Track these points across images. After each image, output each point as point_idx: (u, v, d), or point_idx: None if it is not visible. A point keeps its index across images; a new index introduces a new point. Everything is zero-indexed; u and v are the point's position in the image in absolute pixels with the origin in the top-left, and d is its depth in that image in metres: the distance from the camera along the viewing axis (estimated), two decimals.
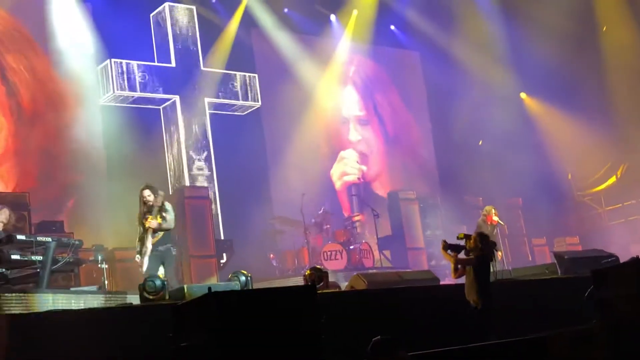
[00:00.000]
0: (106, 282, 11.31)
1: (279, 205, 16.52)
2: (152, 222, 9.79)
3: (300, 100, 17.69)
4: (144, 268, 9.72)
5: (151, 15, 15.94)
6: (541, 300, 9.33)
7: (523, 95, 20.58)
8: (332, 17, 18.83)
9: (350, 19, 18.82)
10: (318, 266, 10.60)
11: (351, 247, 14.90)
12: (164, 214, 9.87)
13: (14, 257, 9.04)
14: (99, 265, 11.58)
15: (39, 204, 13.04)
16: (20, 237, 9.60)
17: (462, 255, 8.11)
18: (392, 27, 19.83)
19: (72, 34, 14.87)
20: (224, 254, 14.53)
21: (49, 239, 10.35)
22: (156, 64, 15.59)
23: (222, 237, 15.14)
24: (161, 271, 9.70)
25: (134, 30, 15.17)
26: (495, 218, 13.57)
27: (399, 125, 19.73)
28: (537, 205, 18.38)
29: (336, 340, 6.00)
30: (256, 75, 16.77)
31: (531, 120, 20.21)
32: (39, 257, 9.96)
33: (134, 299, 9.05)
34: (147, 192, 10.06)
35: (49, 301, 9.10)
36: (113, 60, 14.78)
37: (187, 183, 15.11)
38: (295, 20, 17.90)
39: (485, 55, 19.23)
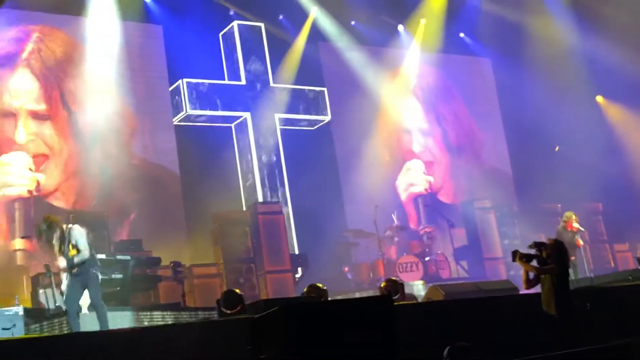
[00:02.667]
0: (185, 298, 11.45)
1: (352, 217, 16.49)
2: (61, 263, 8.58)
3: (370, 112, 17.64)
4: (63, 298, 8.70)
5: (220, 34, 16.19)
6: (624, 307, 9.03)
7: (599, 98, 20.06)
8: (400, 27, 18.75)
9: (418, 29, 18.69)
10: (394, 278, 10.51)
11: (427, 258, 14.74)
12: (75, 245, 8.60)
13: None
14: (177, 282, 11.73)
15: (114, 222, 13.34)
16: (100, 256, 9.83)
17: (534, 264, 7.95)
18: (462, 35, 19.62)
19: (144, 56, 15.22)
20: (299, 269, 14.56)
21: (128, 257, 10.61)
22: (226, 82, 15.82)
23: (297, 252, 15.20)
24: (86, 295, 8.73)
25: (203, 50, 15.45)
26: (576, 224, 13.23)
27: (465, 134, 19.44)
28: (618, 210, 17.87)
29: (414, 352, 5.92)
30: (325, 89, 16.84)
31: (608, 124, 19.68)
32: (119, 275, 10.21)
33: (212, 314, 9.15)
34: (43, 226, 8.74)
35: (130, 318, 9.29)
36: (185, 80, 15.08)
37: (260, 199, 15.23)
38: (363, 32, 17.89)
39: (559, 58, 18.82)
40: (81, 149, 14.18)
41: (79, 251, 8.53)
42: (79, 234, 8.61)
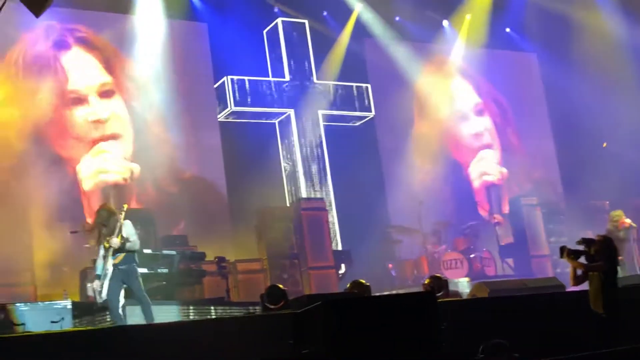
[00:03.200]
0: (229, 293, 11.53)
1: (396, 214, 16.41)
2: (114, 240, 8.72)
3: (414, 108, 17.56)
4: (104, 292, 8.72)
5: (264, 31, 16.26)
6: None
7: None
8: (445, 22, 18.61)
9: (464, 24, 18.53)
10: (438, 274, 10.44)
11: (472, 255, 14.62)
12: (125, 235, 8.80)
13: (141, 270, 9.33)
14: (222, 277, 11.82)
15: (160, 217, 13.52)
16: (147, 251, 9.96)
17: (582, 260, 7.82)
18: (508, 30, 19.39)
19: (189, 53, 15.38)
20: (342, 265, 14.56)
21: (174, 252, 10.73)
22: (270, 78, 15.89)
23: (340, 248, 15.19)
24: (122, 294, 8.87)
25: (248, 47, 15.54)
26: (628, 220, 13.04)
27: (511, 129, 19.22)
28: None
29: (459, 349, 5.87)
30: (369, 85, 16.80)
31: None
32: (165, 270, 10.34)
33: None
34: (104, 213, 9.00)
35: (175, 312, 9.40)
36: (229, 77, 15.19)
37: (304, 195, 15.27)
38: (407, 28, 17.78)
39: (606, 52, 18.47)
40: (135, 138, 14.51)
41: (127, 241, 8.70)
42: (131, 227, 8.83)
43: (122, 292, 8.83)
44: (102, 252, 8.84)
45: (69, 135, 13.94)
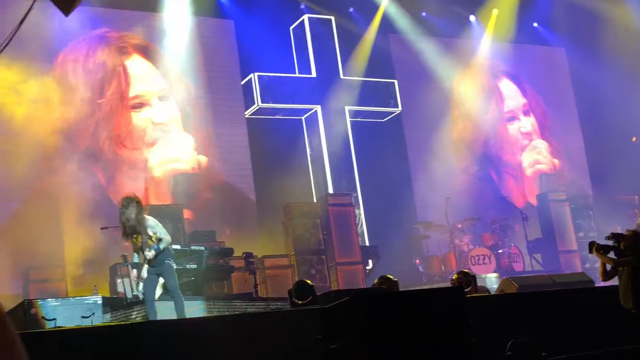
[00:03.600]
0: (257, 288, 11.60)
1: (423, 209, 16.40)
2: (149, 253, 8.48)
3: (441, 104, 17.50)
4: (141, 286, 8.68)
5: (291, 28, 16.31)
6: None
7: None
8: (472, 17, 18.53)
9: (491, 19, 18.44)
10: (466, 270, 10.42)
11: (500, 251, 14.56)
12: (155, 233, 8.57)
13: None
14: (250, 273, 11.88)
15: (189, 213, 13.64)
16: (175, 246, 10.03)
17: (611, 256, 7.78)
18: (535, 24, 19.25)
19: (216, 50, 15.47)
20: (370, 260, 14.58)
21: (202, 248, 10.81)
22: (297, 75, 15.94)
23: (367, 244, 15.21)
24: (159, 290, 8.82)
25: (274, 44, 15.59)
26: None
27: (540, 124, 19.11)
28: None
29: (487, 344, 5.87)
30: (395, 81, 16.78)
31: None
32: (194, 266, 10.42)
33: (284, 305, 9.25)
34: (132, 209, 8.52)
35: (204, 307, 9.47)
36: (256, 74, 15.26)
37: (331, 191, 15.30)
38: (434, 23, 17.75)
39: (635, 47, 18.29)
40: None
41: (159, 240, 8.68)
42: (154, 223, 8.78)
43: (159, 288, 8.90)
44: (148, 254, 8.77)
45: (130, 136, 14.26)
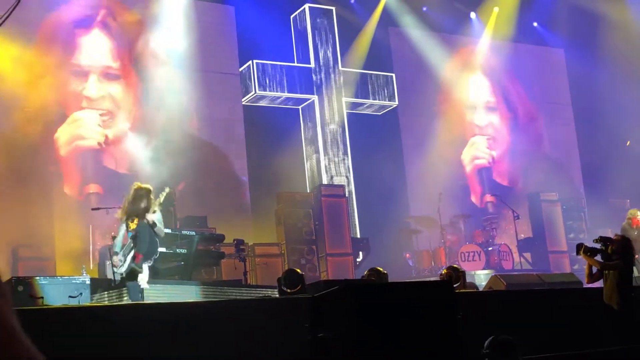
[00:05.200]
0: (246, 275, 11.60)
1: (416, 204, 16.42)
2: (151, 216, 8.67)
3: (438, 100, 17.51)
4: (124, 268, 8.71)
5: (291, 16, 16.27)
6: None
7: None
8: (472, 14, 18.52)
9: (491, 17, 18.43)
10: (455, 265, 10.45)
11: (490, 248, 14.60)
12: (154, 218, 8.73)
13: (160, 249, 9.40)
14: (240, 260, 11.88)
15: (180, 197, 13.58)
16: (166, 230, 10.01)
17: (598, 258, 7.84)
18: (535, 24, 19.25)
19: (215, 36, 15.40)
20: (360, 252, 14.60)
21: (193, 233, 10.80)
22: (296, 64, 15.91)
23: (359, 236, 15.23)
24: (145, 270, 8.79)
25: (274, 32, 15.55)
26: None
27: (533, 123, 19.07)
28: None
29: (473, 340, 5.88)
30: (393, 74, 16.77)
31: None
32: (184, 250, 10.41)
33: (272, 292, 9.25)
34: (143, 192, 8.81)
35: (192, 292, 9.47)
36: (255, 61, 15.22)
37: (325, 181, 15.31)
38: (434, 19, 17.72)
39: (634, 50, 18.30)
40: (146, 113, 14.36)
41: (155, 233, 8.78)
42: (159, 219, 8.88)
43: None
44: (122, 230, 8.91)
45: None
